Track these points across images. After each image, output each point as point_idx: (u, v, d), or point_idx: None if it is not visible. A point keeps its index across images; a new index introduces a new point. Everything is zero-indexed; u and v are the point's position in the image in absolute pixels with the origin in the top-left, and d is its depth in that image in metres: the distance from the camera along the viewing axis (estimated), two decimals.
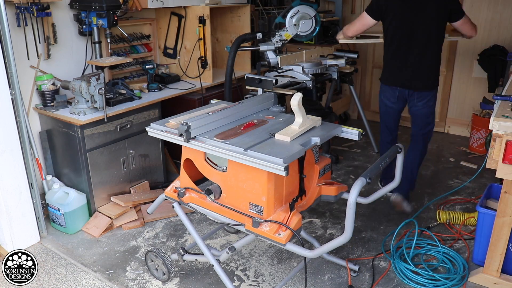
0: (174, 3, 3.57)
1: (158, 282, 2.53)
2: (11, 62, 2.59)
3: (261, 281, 2.53)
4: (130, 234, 3.01)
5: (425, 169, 4.00)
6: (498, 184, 2.70)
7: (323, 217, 3.19)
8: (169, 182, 2.75)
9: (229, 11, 4.17)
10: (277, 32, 3.44)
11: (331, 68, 3.78)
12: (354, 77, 4.49)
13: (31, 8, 2.83)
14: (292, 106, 1.99)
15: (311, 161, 2.16)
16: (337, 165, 4.09)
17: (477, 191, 3.53)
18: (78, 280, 2.55)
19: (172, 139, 2.03)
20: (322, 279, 2.54)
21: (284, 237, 1.88)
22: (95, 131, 2.98)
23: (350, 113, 5.40)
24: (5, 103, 2.59)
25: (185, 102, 3.69)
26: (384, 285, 2.49)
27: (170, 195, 2.26)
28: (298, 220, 1.94)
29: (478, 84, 4.56)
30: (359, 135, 2.11)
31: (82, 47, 3.32)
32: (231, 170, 1.98)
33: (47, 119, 3.13)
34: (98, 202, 3.12)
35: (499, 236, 2.30)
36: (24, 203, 2.78)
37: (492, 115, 2.08)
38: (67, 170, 3.16)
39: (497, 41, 4.35)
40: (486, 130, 4.18)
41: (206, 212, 2.14)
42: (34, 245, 2.87)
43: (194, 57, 3.84)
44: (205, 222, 3.14)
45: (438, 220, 3.07)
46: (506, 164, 2.05)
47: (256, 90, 3.20)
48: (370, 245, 2.85)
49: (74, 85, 2.94)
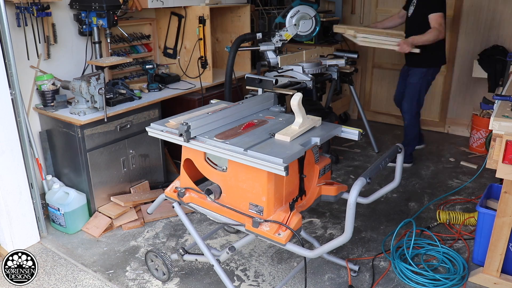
0: (174, 3, 3.57)
1: (158, 282, 2.53)
2: (11, 62, 2.59)
3: (261, 281, 2.53)
4: (130, 234, 3.01)
5: (425, 169, 4.00)
6: (498, 184, 2.70)
7: (323, 217, 3.19)
8: (169, 182, 2.75)
9: (229, 11, 4.17)
10: (277, 32, 3.44)
11: (331, 68, 3.79)
12: (354, 77, 4.49)
13: (31, 8, 2.83)
14: (292, 106, 1.99)
15: (311, 161, 2.16)
16: (337, 165, 4.09)
17: (477, 191, 3.53)
18: (78, 280, 2.55)
19: (172, 139, 2.03)
20: (322, 279, 2.54)
21: (284, 237, 1.88)
22: (95, 131, 2.98)
23: (350, 113, 5.40)
24: (5, 103, 2.59)
25: (185, 102, 3.69)
26: (384, 285, 2.49)
27: (170, 195, 2.26)
28: (298, 220, 1.94)
29: (478, 84, 4.56)
30: (359, 135, 2.11)
31: (82, 47, 3.32)
32: (231, 170, 1.98)
33: (47, 119, 3.13)
34: (98, 202, 3.12)
35: (499, 236, 2.30)
36: (24, 203, 2.78)
37: (492, 115, 2.08)
38: (67, 170, 3.16)
39: (497, 41, 4.35)
40: (486, 130, 4.18)
41: (206, 212, 2.14)
42: (34, 245, 2.87)
43: (194, 57, 3.84)
44: (205, 222, 3.14)
45: (438, 220, 3.07)
46: (506, 164, 2.05)
47: (256, 90, 3.20)
48: (370, 245, 2.85)
49: (74, 85, 2.94)
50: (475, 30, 4.48)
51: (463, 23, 4.53)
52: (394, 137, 4.83)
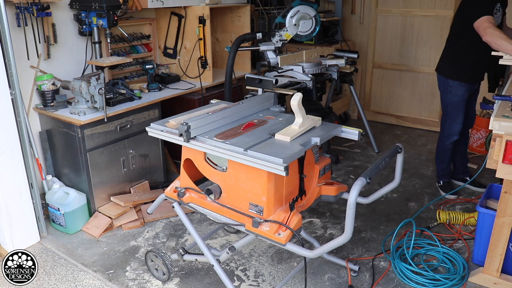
0: (174, 3, 3.57)
1: (158, 282, 2.53)
2: (11, 62, 2.59)
3: (261, 281, 2.53)
4: (130, 234, 3.01)
5: (425, 169, 4.00)
6: (498, 184, 2.70)
7: (323, 217, 3.19)
8: (169, 182, 2.75)
9: (229, 11, 4.17)
10: (277, 32, 3.44)
11: (331, 68, 3.78)
12: (354, 77, 4.49)
13: (31, 8, 2.83)
14: (292, 106, 1.99)
15: (311, 161, 2.16)
16: (337, 165, 4.09)
17: (477, 191, 3.53)
18: (78, 280, 2.55)
19: (172, 139, 2.03)
20: (322, 279, 2.54)
21: (284, 237, 1.88)
22: (95, 131, 2.98)
23: (350, 113, 5.40)
24: (5, 103, 2.59)
25: (185, 102, 3.69)
26: (384, 285, 2.49)
27: (170, 195, 2.26)
28: (298, 220, 1.94)
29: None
30: (359, 135, 2.11)
31: (82, 47, 3.32)
32: (231, 170, 1.98)
33: (47, 119, 3.13)
34: (98, 202, 3.12)
35: (499, 236, 2.30)
36: (24, 203, 2.78)
37: (492, 115, 2.08)
38: (67, 170, 3.16)
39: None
40: (486, 130, 4.18)
41: (206, 212, 2.14)
42: (34, 245, 2.87)
43: (194, 57, 3.84)
44: (205, 222, 3.14)
45: (438, 220, 3.07)
46: (506, 164, 2.05)
47: (256, 90, 3.20)
48: (370, 245, 2.85)
49: (74, 85, 2.94)
50: None
51: None
52: (394, 137, 4.83)
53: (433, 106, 4.94)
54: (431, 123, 5.00)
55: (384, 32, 5.04)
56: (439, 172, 3.57)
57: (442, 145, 3.43)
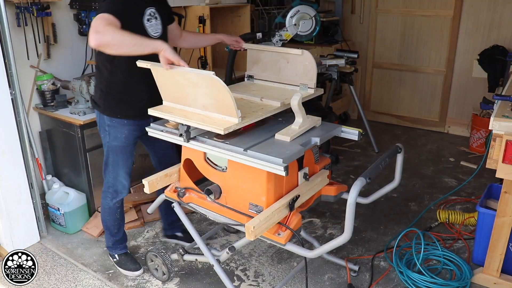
0: (174, 3, 3.56)
1: (158, 282, 2.53)
2: (11, 62, 2.59)
3: (261, 281, 2.53)
4: (130, 234, 3.01)
5: (425, 169, 4.00)
6: (498, 184, 2.69)
7: (323, 217, 3.19)
8: None
9: (229, 11, 4.16)
10: (277, 32, 3.43)
11: (331, 68, 3.78)
12: (354, 77, 4.49)
13: (31, 8, 2.83)
14: (292, 106, 1.99)
15: (311, 161, 2.16)
16: (337, 165, 4.09)
17: (477, 191, 3.53)
18: (78, 280, 2.55)
19: (172, 139, 2.03)
20: (322, 279, 2.54)
21: (284, 237, 1.88)
22: (95, 131, 2.97)
23: (350, 113, 5.40)
24: (5, 103, 2.59)
25: None
26: (384, 285, 2.49)
27: (170, 195, 2.26)
28: (298, 220, 1.94)
29: (478, 84, 4.56)
30: (359, 135, 2.10)
31: (82, 47, 3.32)
32: (231, 170, 1.98)
33: (47, 119, 3.13)
34: (98, 202, 3.11)
35: (499, 236, 2.30)
36: (24, 203, 2.78)
37: (492, 115, 2.08)
38: (67, 170, 3.16)
39: (497, 41, 4.35)
40: (486, 130, 4.18)
41: (206, 212, 2.14)
42: (34, 245, 2.87)
43: (194, 57, 3.84)
44: (205, 222, 3.14)
45: (439, 219, 3.07)
46: (506, 164, 2.04)
47: None
48: (370, 245, 2.85)
49: (74, 85, 2.94)
50: (475, 30, 4.48)
51: (463, 23, 4.53)
52: (394, 137, 4.83)
53: (433, 106, 4.94)
54: (431, 123, 5.00)
55: (384, 32, 5.04)
56: (108, 242, 2.60)
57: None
